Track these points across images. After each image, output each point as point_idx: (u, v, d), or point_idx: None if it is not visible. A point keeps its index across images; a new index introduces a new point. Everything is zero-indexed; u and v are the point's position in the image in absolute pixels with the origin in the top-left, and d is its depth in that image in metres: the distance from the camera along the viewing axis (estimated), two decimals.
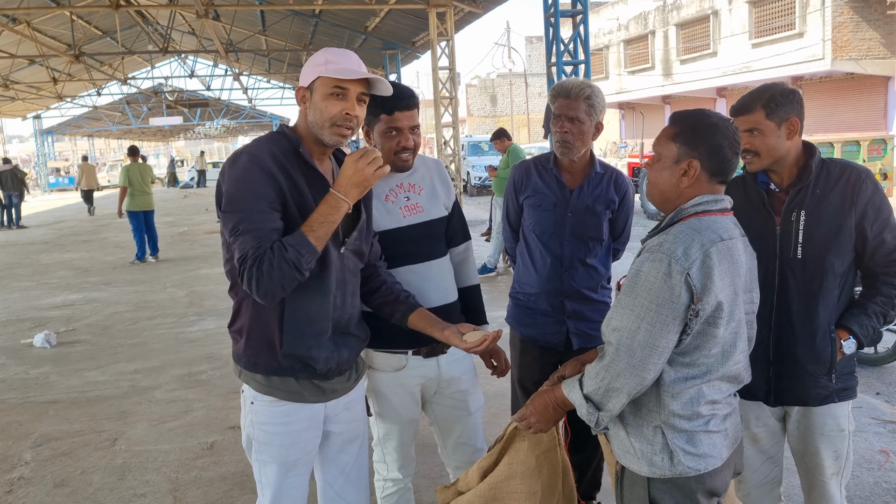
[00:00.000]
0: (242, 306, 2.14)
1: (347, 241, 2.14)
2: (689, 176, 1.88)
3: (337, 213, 1.96)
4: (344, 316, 2.17)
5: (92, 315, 8.32)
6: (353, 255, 2.19)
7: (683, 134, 1.89)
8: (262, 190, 1.95)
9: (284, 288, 1.94)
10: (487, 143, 25.00)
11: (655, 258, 1.79)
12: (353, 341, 2.23)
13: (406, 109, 2.41)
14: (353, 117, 2.02)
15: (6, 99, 30.03)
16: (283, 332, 2.07)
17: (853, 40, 20.08)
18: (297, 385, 2.13)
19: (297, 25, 20.21)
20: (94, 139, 57.72)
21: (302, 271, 1.93)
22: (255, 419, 2.17)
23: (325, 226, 1.95)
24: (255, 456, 2.20)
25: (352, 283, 2.19)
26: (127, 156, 12.61)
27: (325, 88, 2.00)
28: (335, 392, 2.21)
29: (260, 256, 1.90)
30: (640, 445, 1.90)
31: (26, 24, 17.64)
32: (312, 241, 1.93)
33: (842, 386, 2.39)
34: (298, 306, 2.07)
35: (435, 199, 2.60)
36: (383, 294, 2.35)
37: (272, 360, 2.10)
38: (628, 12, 30.04)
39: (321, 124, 2.02)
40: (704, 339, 1.82)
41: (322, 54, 2.04)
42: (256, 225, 1.93)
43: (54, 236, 17.29)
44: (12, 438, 4.65)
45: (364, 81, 2.04)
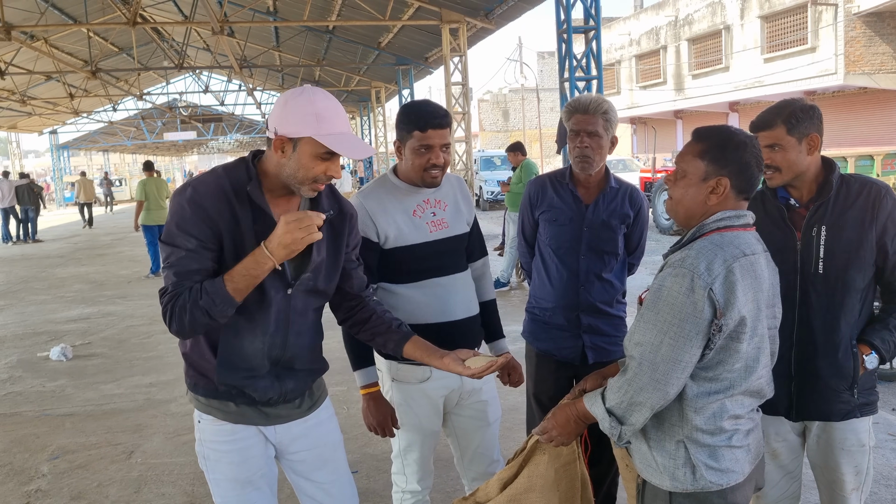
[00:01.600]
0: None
1: (298, 281, 2.06)
2: (717, 193, 1.88)
3: (260, 269, 1.88)
4: (285, 355, 2.10)
5: (107, 328, 8.38)
6: (306, 295, 2.10)
7: (712, 151, 1.88)
8: (192, 228, 1.91)
9: (195, 330, 1.93)
10: (500, 158, 25.09)
11: (678, 273, 1.80)
12: (300, 374, 2.17)
13: (439, 128, 2.45)
14: (332, 176, 1.97)
15: (23, 114, 30.41)
16: (216, 364, 2.05)
17: (866, 55, 20.04)
18: (235, 408, 2.10)
19: (311, 41, 20.40)
20: (109, 154, 58.21)
21: (214, 318, 1.89)
22: (203, 437, 2.15)
23: (246, 279, 1.88)
24: (208, 475, 2.17)
25: (298, 322, 2.11)
26: (143, 170, 12.74)
27: (314, 150, 1.91)
28: (281, 417, 2.16)
29: (176, 295, 1.90)
30: (662, 459, 1.90)
31: (44, 40, 17.90)
32: (230, 292, 1.87)
33: (864, 401, 2.38)
34: (232, 342, 2.04)
35: (458, 215, 2.66)
36: (374, 324, 2.28)
37: (209, 384, 2.08)
38: (640, 27, 30.11)
39: (301, 181, 1.95)
40: (727, 353, 1.82)
41: (309, 104, 1.90)
42: (181, 263, 1.91)
43: (70, 250, 17.43)
44: (29, 451, 4.68)
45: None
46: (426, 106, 2.49)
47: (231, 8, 16.43)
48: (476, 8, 13.60)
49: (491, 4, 13.15)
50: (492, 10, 13.37)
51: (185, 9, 19.95)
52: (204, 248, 1.92)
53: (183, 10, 20.31)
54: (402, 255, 2.54)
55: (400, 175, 2.61)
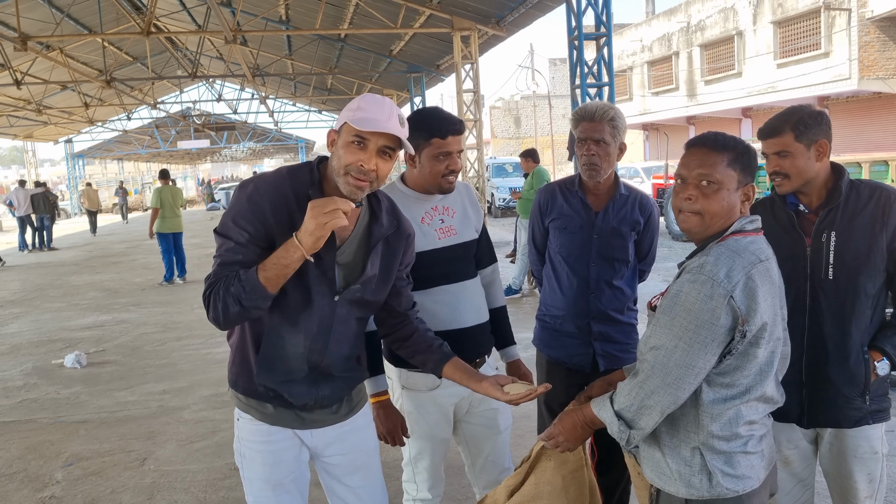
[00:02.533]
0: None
1: (345, 291, 2.08)
2: (749, 200, 1.91)
3: (288, 257, 1.87)
4: (324, 361, 2.11)
5: (121, 336, 8.43)
6: (351, 305, 2.11)
7: (741, 160, 1.88)
8: (246, 224, 1.95)
9: (229, 319, 1.94)
10: (511, 165, 25.08)
11: (697, 280, 1.80)
12: (337, 381, 2.17)
13: (458, 134, 2.49)
14: (368, 171, 1.93)
15: (39, 124, 30.72)
16: (256, 362, 2.07)
17: (880, 59, 19.91)
18: (273, 410, 2.13)
19: (323, 49, 20.49)
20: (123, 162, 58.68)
21: (244, 306, 1.90)
22: (240, 435, 2.19)
23: (276, 268, 1.88)
24: (242, 472, 2.21)
25: (340, 331, 2.11)
26: (158, 178, 12.82)
27: (347, 136, 1.94)
28: (317, 422, 2.18)
29: (214, 283, 1.93)
30: (677, 466, 1.89)
31: (59, 51, 18.09)
32: (261, 281, 1.88)
33: (875, 407, 2.37)
34: (274, 342, 2.06)
35: (467, 222, 2.67)
36: (415, 342, 2.29)
37: (249, 383, 2.11)
38: (652, 34, 30.06)
39: (338, 171, 1.95)
40: (745, 359, 1.82)
41: (357, 100, 1.98)
42: (228, 254, 1.95)
43: (84, 258, 17.57)
44: (44, 458, 4.72)
45: (392, 136, 1.94)
46: (441, 113, 2.52)
47: (244, 17, 16.55)
48: (487, 15, 13.62)
49: (502, 12, 13.18)
50: (503, 17, 13.39)
51: (198, 18, 20.12)
52: (253, 243, 1.95)
53: (196, 20, 20.48)
54: None
55: (408, 183, 2.62)
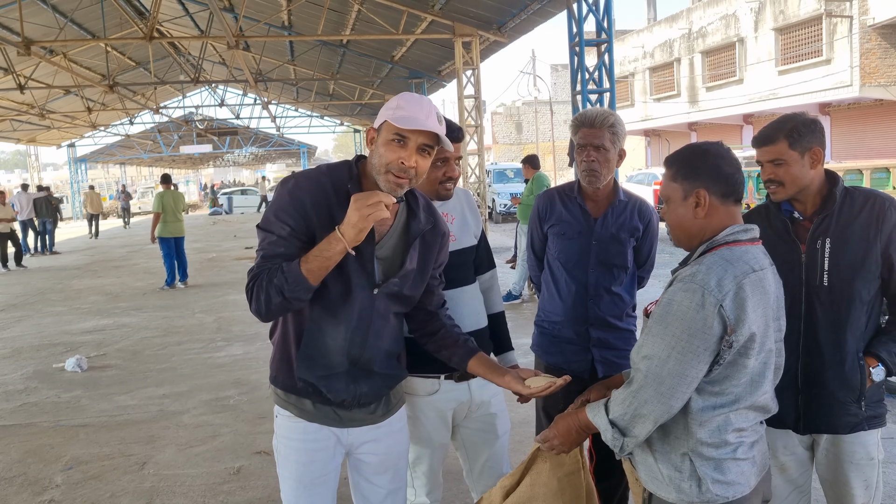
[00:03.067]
0: (278, 320, 2.19)
1: (384, 284, 2.11)
2: (702, 206, 1.91)
3: (331, 249, 1.92)
4: (364, 355, 2.14)
5: (122, 340, 8.45)
6: (389, 299, 2.14)
7: (681, 170, 1.94)
8: (288, 217, 2.00)
9: (272, 311, 1.99)
10: (513, 170, 25.10)
11: (689, 289, 1.81)
12: (377, 379, 2.19)
13: (456, 141, 2.50)
14: (408, 168, 1.97)
15: (42, 128, 30.78)
16: (297, 356, 2.11)
17: (881, 66, 19.93)
18: (312, 407, 2.16)
19: (325, 55, 20.54)
20: (125, 167, 58.77)
21: (286, 297, 1.94)
22: (278, 431, 2.23)
23: (318, 260, 1.92)
24: (278, 468, 2.25)
25: (378, 324, 2.14)
26: (160, 183, 12.86)
27: (387, 134, 1.98)
28: (354, 421, 2.20)
29: (257, 276, 1.98)
30: (668, 472, 1.90)
31: (63, 55, 18.14)
32: (304, 273, 1.92)
33: (871, 413, 2.38)
34: (315, 335, 2.09)
35: (466, 228, 2.69)
36: (441, 337, 2.32)
37: (289, 379, 2.15)
38: (653, 40, 30.11)
39: (378, 169, 1.99)
40: (735, 369, 1.82)
41: (396, 99, 2.02)
42: (270, 247, 2.01)
43: (86, 262, 17.59)
44: (44, 461, 4.73)
45: (432, 134, 1.99)
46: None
47: (246, 23, 16.61)
48: (489, 21, 13.66)
49: (503, 18, 13.21)
50: (504, 23, 13.42)
51: (201, 24, 20.21)
52: (295, 236, 2.00)
53: (199, 25, 20.57)
54: None
55: None
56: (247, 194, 40.59)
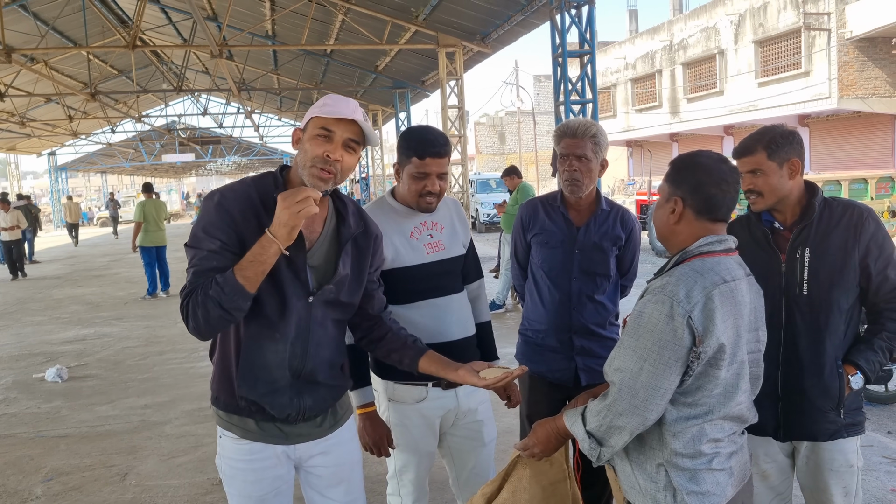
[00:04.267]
0: (216, 339, 2.15)
1: (319, 292, 2.08)
2: (675, 213, 1.93)
3: (265, 252, 1.88)
4: (306, 367, 2.10)
5: (103, 350, 8.37)
6: (326, 307, 2.12)
7: (671, 174, 1.97)
8: (217, 231, 1.96)
9: (211, 325, 1.93)
10: (496, 181, 25.19)
11: (658, 300, 1.81)
12: (321, 390, 2.16)
13: (437, 157, 2.50)
14: (333, 161, 1.96)
15: (22, 136, 30.53)
16: (237, 375, 2.06)
17: (859, 79, 20.22)
18: (255, 426, 2.11)
19: (309, 65, 20.54)
20: (107, 175, 58.34)
21: (225, 308, 1.89)
22: (223, 452, 2.17)
23: (253, 265, 1.89)
24: (225, 488, 2.20)
25: (318, 334, 2.11)
26: (142, 192, 12.79)
27: (313, 129, 1.99)
28: (301, 436, 2.17)
29: (191, 292, 1.93)
30: (644, 482, 1.91)
31: (44, 63, 18.02)
32: (240, 280, 1.88)
33: (850, 421, 2.41)
34: (254, 351, 2.05)
35: (455, 238, 2.71)
36: (389, 341, 2.32)
37: (231, 398, 2.10)
38: (635, 52, 30.38)
39: (303, 164, 1.99)
40: (706, 380, 1.83)
41: (322, 99, 2.04)
42: (202, 263, 1.95)
43: (67, 271, 17.42)
44: (23, 473, 4.67)
45: (357, 130, 2.00)
46: (427, 133, 2.53)
47: (230, 32, 16.57)
48: (472, 32, 13.74)
49: (487, 29, 13.29)
50: (488, 34, 13.51)
51: (184, 32, 20.14)
52: (226, 250, 1.96)
53: (182, 34, 20.49)
54: (398, 276, 2.57)
55: (398, 197, 2.65)
56: None
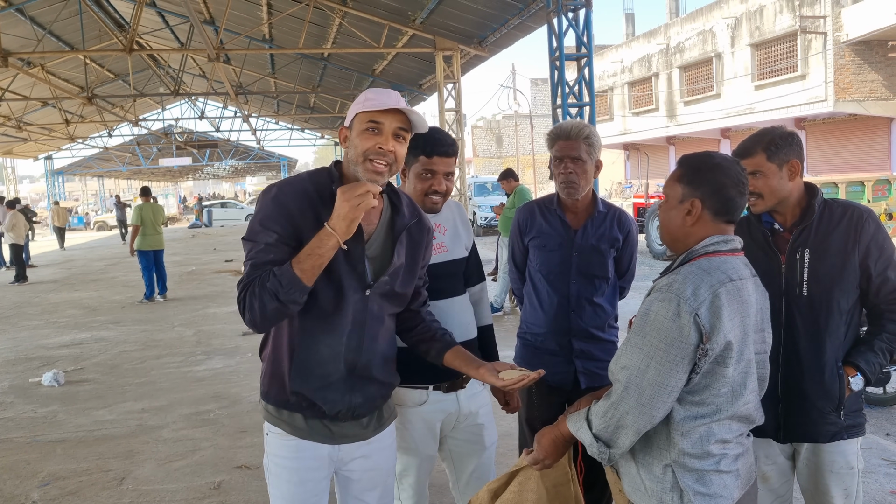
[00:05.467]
0: (269, 335, 2.16)
1: (376, 283, 2.09)
2: (692, 215, 1.92)
3: (323, 245, 1.90)
4: (360, 360, 2.11)
5: (100, 354, 8.35)
6: (382, 299, 2.12)
7: (687, 175, 1.95)
8: (274, 225, 1.98)
9: (267, 317, 1.95)
10: (492, 184, 25.21)
11: (665, 298, 1.82)
12: (372, 387, 2.16)
13: (444, 156, 2.50)
14: (387, 152, 1.98)
15: (19, 140, 30.48)
16: (291, 369, 2.07)
17: (855, 82, 20.29)
18: (304, 422, 2.12)
19: (306, 68, 20.57)
20: (104, 179, 58.30)
21: (282, 301, 1.90)
22: (269, 450, 2.19)
23: (311, 258, 1.90)
24: (270, 488, 2.21)
25: (374, 327, 2.12)
26: (139, 196, 12.77)
27: (361, 124, 1.99)
28: (346, 437, 2.17)
29: (249, 284, 1.94)
30: (650, 484, 1.90)
31: (41, 67, 18.00)
32: (297, 273, 1.90)
33: (850, 423, 2.40)
34: (308, 345, 2.06)
35: (457, 240, 2.70)
36: (420, 332, 2.32)
37: (281, 394, 2.11)
38: (632, 55, 30.45)
39: (356, 160, 2.00)
40: (714, 378, 1.83)
41: (362, 94, 2.05)
42: (259, 256, 1.97)
43: (63, 275, 17.38)
44: (20, 477, 4.65)
45: (404, 119, 2.01)
46: (435, 133, 2.52)
47: (227, 35, 16.59)
48: (470, 36, 13.76)
49: (484, 32, 13.31)
50: (485, 37, 13.53)
51: (181, 36, 20.14)
52: (283, 242, 1.97)
53: (179, 38, 20.50)
54: None
55: None
56: (226, 207, 40.39)
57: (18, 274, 16.10)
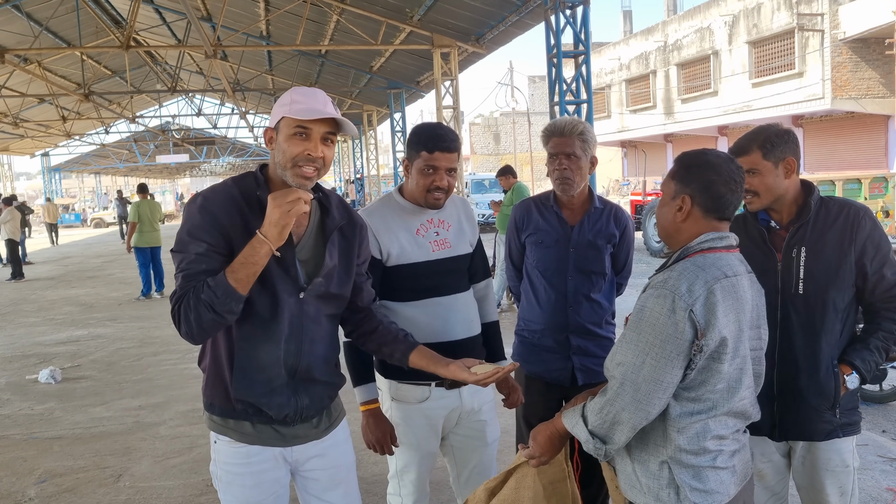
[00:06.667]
0: (206, 345, 2.13)
1: (310, 285, 2.07)
2: (682, 211, 1.93)
3: (256, 253, 1.88)
4: (301, 363, 2.09)
5: (97, 351, 8.34)
6: (318, 301, 2.10)
7: (679, 172, 1.95)
8: (203, 234, 1.94)
9: (204, 329, 1.92)
10: (490, 181, 25.21)
11: (660, 294, 1.82)
12: (318, 388, 2.15)
13: (446, 151, 2.49)
14: (315, 158, 1.96)
15: (15, 137, 30.42)
16: (233, 377, 2.04)
17: (853, 80, 20.31)
18: (252, 428, 2.09)
19: (304, 65, 20.53)
20: (100, 176, 58.20)
21: (217, 312, 1.88)
22: (217, 458, 2.15)
23: (245, 267, 1.88)
24: (220, 495, 2.17)
25: (311, 329, 2.10)
26: (136, 193, 12.76)
27: (288, 129, 1.96)
28: (298, 438, 2.15)
29: (182, 296, 1.92)
30: (646, 480, 1.91)
31: (37, 64, 17.96)
32: (232, 283, 1.87)
33: (846, 421, 2.41)
34: (248, 353, 2.04)
35: (462, 236, 2.70)
36: (380, 335, 2.30)
37: (226, 403, 2.07)
38: (630, 52, 30.43)
39: (284, 165, 1.97)
40: (709, 374, 1.83)
41: (288, 94, 2.01)
42: (190, 267, 1.94)
43: (60, 272, 17.35)
44: (16, 475, 4.65)
45: (332, 122, 1.98)
46: (437, 129, 2.53)
47: (224, 32, 16.55)
48: (467, 33, 13.74)
49: (482, 29, 13.30)
50: (483, 34, 13.52)
51: (178, 33, 20.10)
52: (214, 251, 1.95)
53: (176, 34, 20.45)
54: (403, 273, 2.56)
55: (405, 194, 2.64)
56: None
57: (15, 271, 16.07)
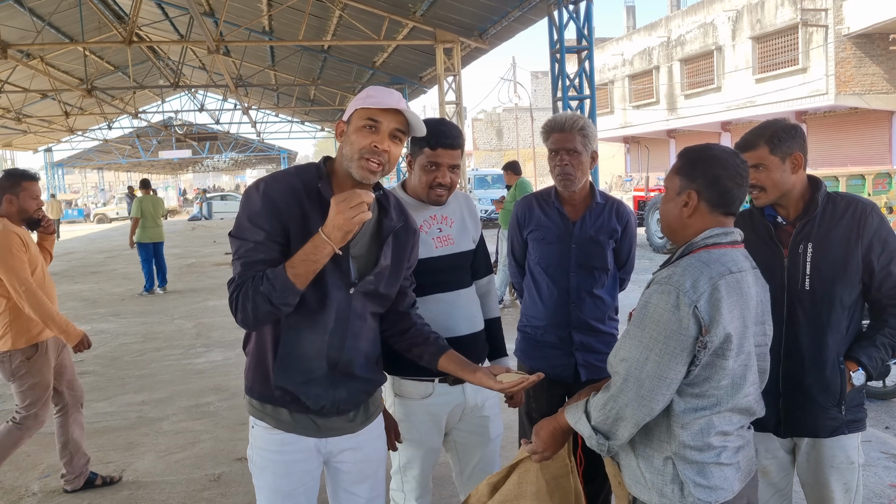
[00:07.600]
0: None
1: (360, 282, 2.10)
2: (688, 206, 1.92)
3: (318, 253, 1.90)
4: (342, 358, 2.12)
5: (100, 346, 8.34)
6: (365, 298, 2.13)
7: (684, 167, 1.94)
8: (262, 221, 1.97)
9: (259, 319, 1.96)
10: (493, 177, 25.18)
11: (664, 290, 1.81)
12: (356, 383, 2.17)
13: (449, 148, 2.48)
14: (382, 151, 1.98)
15: (18, 132, 30.44)
16: (275, 364, 2.07)
17: (856, 75, 20.25)
18: (289, 416, 2.12)
19: (306, 61, 20.51)
20: (103, 172, 58.25)
21: (274, 304, 1.92)
22: (254, 443, 2.19)
23: (305, 264, 1.91)
24: (254, 479, 2.22)
25: (356, 325, 2.13)
26: (139, 188, 12.76)
27: (359, 121, 1.99)
28: (333, 430, 2.17)
29: (241, 285, 1.95)
30: (650, 476, 1.90)
31: (40, 59, 17.96)
32: (290, 278, 1.90)
33: (851, 417, 2.40)
34: (292, 341, 2.07)
35: (464, 233, 2.69)
36: (412, 336, 2.31)
37: (266, 388, 2.11)
38: (633, 48, 30.37)
39: (350, 157, 1.99)
40: (713, 370, 1.83)
41: (364, 91, 2.05)
42: (249, 254, 1.97)
43: (63, 268, 17.37)
44: (20, 469, 4.65)
45: (402, 120, 2.01)
46: (441, 125, 2.51)
47: (227, 27, 16.55)
48: (470, 28, 13.72)
49: (485, 24, 13.27)
50: (485, 30, 13.49)
51: (181, 28, 20.08)
52: (272, 240, 1.97)
53: (179, 30, 20.43)
54: None
55: (408, 190, 2.64)
56: (226, 199, 40.40)
57: None
